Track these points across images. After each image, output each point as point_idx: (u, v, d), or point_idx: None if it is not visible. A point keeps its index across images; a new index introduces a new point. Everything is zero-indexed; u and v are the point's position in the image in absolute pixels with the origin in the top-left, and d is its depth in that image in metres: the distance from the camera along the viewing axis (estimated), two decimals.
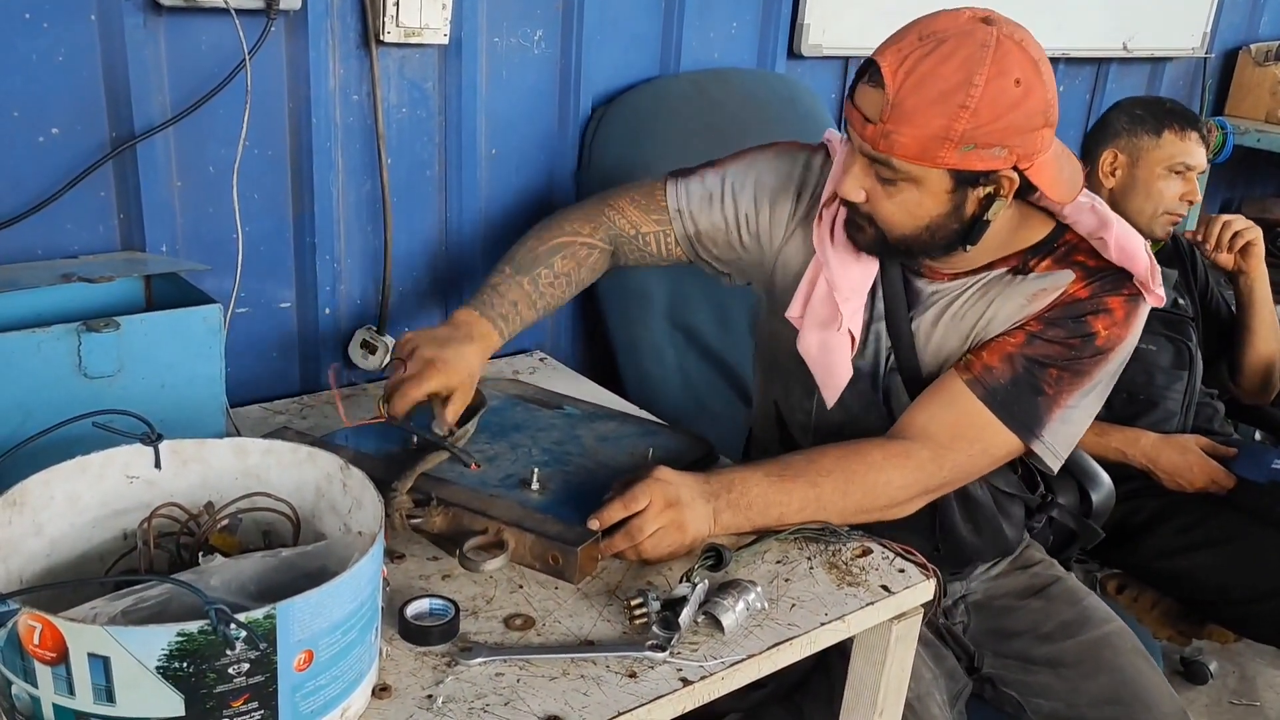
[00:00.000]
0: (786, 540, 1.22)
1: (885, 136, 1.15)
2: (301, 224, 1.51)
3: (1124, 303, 1.25)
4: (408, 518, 1.13)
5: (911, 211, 1.21)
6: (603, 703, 0.94)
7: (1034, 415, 1.26)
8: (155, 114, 1.34)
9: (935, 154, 1.15)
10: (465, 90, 1.58)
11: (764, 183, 1.39)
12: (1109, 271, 1.26)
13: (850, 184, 1.22)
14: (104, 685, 0.76)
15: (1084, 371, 1.26)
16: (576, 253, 1.39)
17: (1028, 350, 1.26)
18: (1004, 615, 1.50)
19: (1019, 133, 1.14)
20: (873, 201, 1.22)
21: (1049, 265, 1.28)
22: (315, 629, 0.82)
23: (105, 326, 1.14)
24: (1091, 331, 1.25)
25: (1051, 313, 1.26)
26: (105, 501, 0.99)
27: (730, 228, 1.40)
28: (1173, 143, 1.99)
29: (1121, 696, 1.39)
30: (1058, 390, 1.26)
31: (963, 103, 1.11)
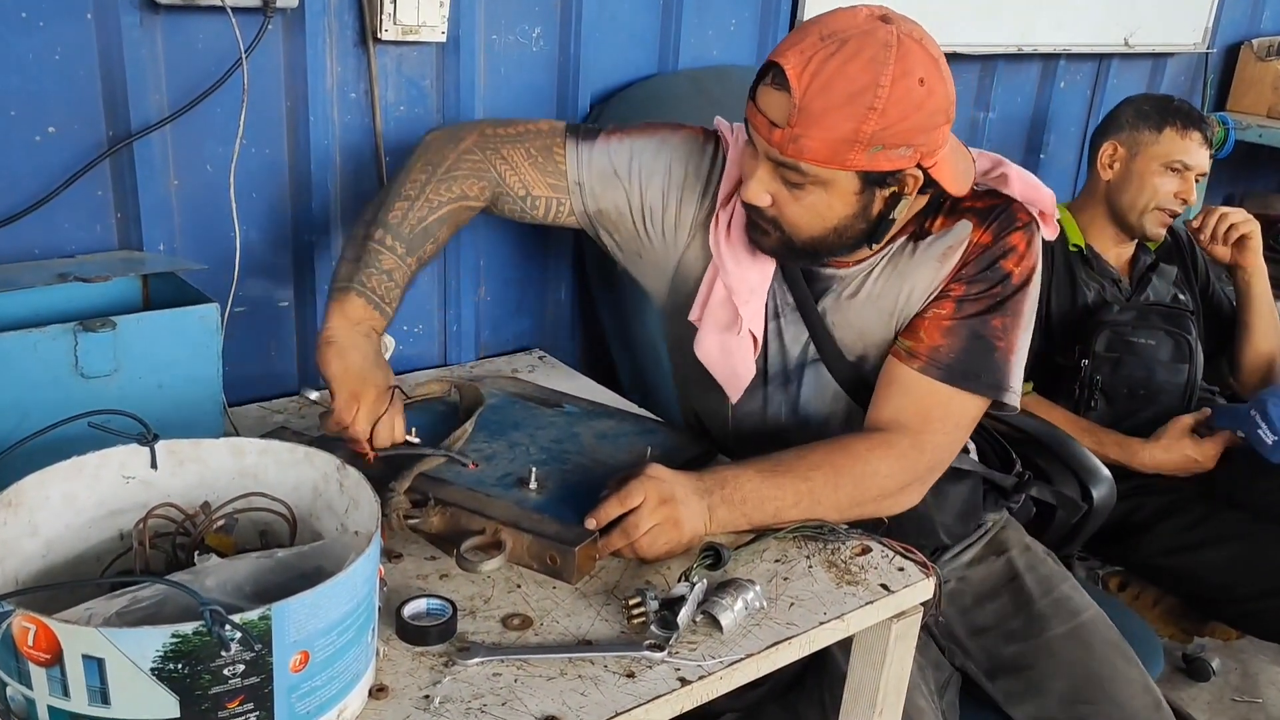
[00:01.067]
0: (785, 539, 1.22)
1: (794, 141, 1.14)
2: (299, 223, 1.51)
3: (1023, 235, 1.27)
4: (405, 518, 1.12)
5: (820, 214, 1.21)
6: (600, 703, 0.94)
7: (997, 371, 1.28)
8: (152, 113, 1.34)
9: (844, 157, 1.14)
10: (463, 88, 1.58)
11: (674, 177, 1.35)
12: (998, 207, 1.28)
13: (755, 189, 1.20)
14: (99, 687, 0.76)
15: (1017, 311, 1.28)
16: (460, 218, 1.34)
17: (962, 315, 1.27)
18: (974, 610, 1.48)
19: (923, 131, 1.15)
20: (778, 205, 1.21)
21: (943, 222, 1.29)
22: (311, 630, 0.81)
23: (102, 326, 1.14)
24: (1007, 273, 1.27)
25: (965, 270, 1.27)
26: (101, 502, 0.99)
27: (634, 213, 1.36)
28: (1172, 140, 2.00)
29: (1091, 695, 1.38)
30: (1005, 338, 1.28)
31: (870, 104, 1.11)
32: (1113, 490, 1.68)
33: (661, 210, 1.36)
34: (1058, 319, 2.06)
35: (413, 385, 1.50)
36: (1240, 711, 2.29)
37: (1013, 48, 2.30)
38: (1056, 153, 2.55)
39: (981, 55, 2.28)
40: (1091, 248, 2.11)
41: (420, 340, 1.68)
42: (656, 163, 1.36)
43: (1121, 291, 2.10)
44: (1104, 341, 1.99)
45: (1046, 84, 2.46)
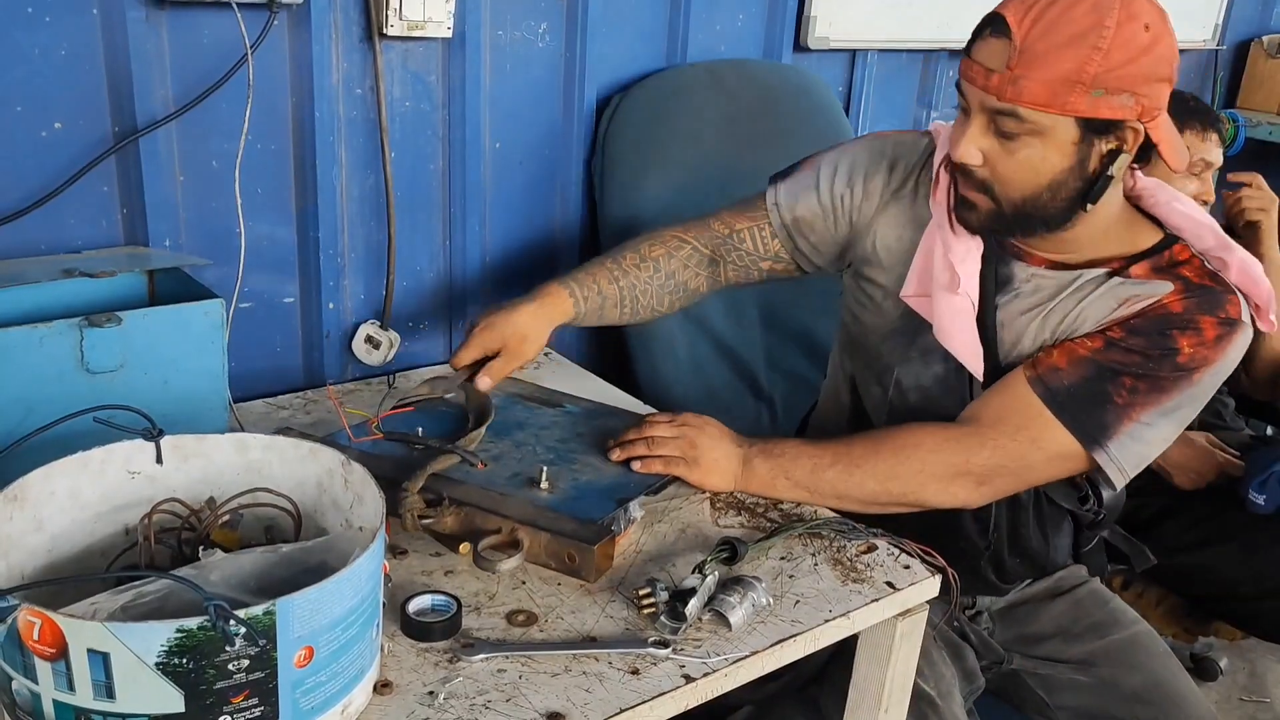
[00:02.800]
0: (792, 537, 1.21)
1: (1013, 83, 1.11)
2: (304, 218, 1.51)
3: (1217, 324, 1.19)
4: (420, 518, 1.12)
5: (1035, 167, 1.16)
6: (605, 699, 0.94)
7: (1100, 423, 1.20)
8: (158, 108, 1.34)
9: (1065, 99, 1.11)
10: (469, 83, 1.58)
11: (857, 161, 1.38)
12: (1211, 290, 1.20)
13: (967, 145, 1.18)
14: (104, 681, 0.76)
15: (1163, 388, 1.19)
16: (667, 242, 1.44)
17: (1101, 356, 1.21)
18: (1029, 620, 1.48)
19: (1147, 81, 1.12)
20: (991, 163, 1.18)
21: (1148, 273, 1.23)
22: (315, 625, 0.81)
23: (107, 321, 1.14)
24: (1175, 347, 1.19)
25: (1136, 320, 1.21)
26: (106, 497, 0.99)
27: (827, 211, 1.39)
28: (1193, 143, 1.98)
29: (1153, 697, 1.38)
30: (1130, 402, 1.19)
31: (1095, 44, 1.09)
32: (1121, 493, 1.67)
33: (849, 191, 1.38)
34: None
35: (415, 383, 1.50)
36: (1248, 711, 2.29)
37: None
38: None
39: None
40: None
41: (425, 336, 1.68)
42: (840, 159, 1.40)
43: None
44: None
45: None
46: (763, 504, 1.29)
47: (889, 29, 2.07)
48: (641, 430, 1.29)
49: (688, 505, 1.28)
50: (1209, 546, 1.86)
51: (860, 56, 2.09)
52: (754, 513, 1.27)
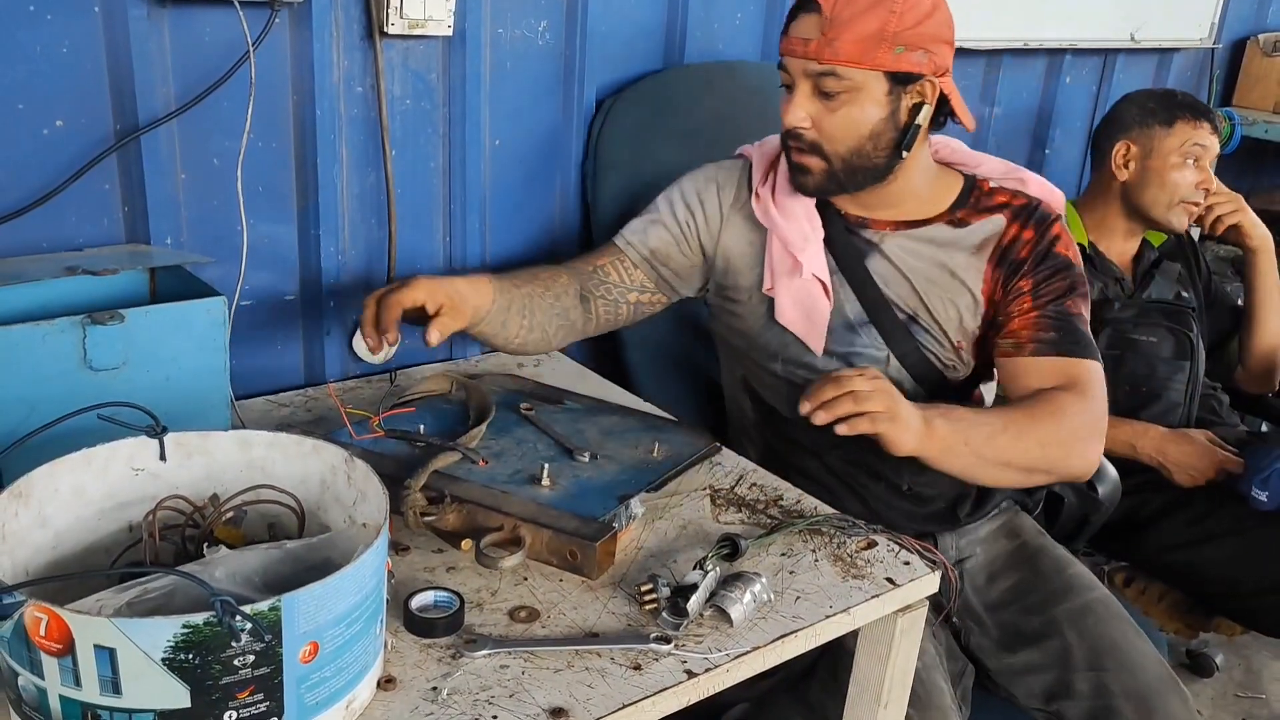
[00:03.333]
0: (792, 533, 1.22)
1: (829, 45, 1.30)
2: (306, 216, 1.51)
3: (1059, 224, 1.45)
4: (422, 515, 1.12)
5: (856, 120, 1.34)
6: (608, 695, 0.94)
7: (1088, 342, 1.40)
8: (159, 106, 1.34)
9: (874, 55, 1.30)
10: (469, 82, 1.58)
11: (692, 189, 1.51)
12: (1028, 206, 1.44)
13: (795, 111, 1.35)
14: (110, 677, 0.76)
15: (1082, 287, 1.43)
16: (549, 269, 1.48)
17: (1042, 304, 1.40)
18: (992, 585, 1.53)
19: (935, 40, 1.33)
20: (818, 124, 1.35)
21: (974, 213, 1.44)
22: (320, 621, 0.82)
23: (110, 319, 1.14)
24: (1065, 258, 1.42)
25: (1034, 270, 1.41)
26: (110, 494, 0.99)
27: (679, 238, 1.50)
28: (1184, 131, 1.98)
29: (1105, 662, 1.42)
30: (1080, 311, 1.41)
31: (890, 7, 1.29)
32: (1117, 487, 1.69)
33: (692, 216, 1.50)
34: None
35: (416, 379, 1.51)
36: (1244, 707, 2.30)
37: (1019, 43, 2.30)
38: (1062, 148, 2.54)
39: (987, 50, 2.28)
40: (1095, 246, 2.11)
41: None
42: (674, 191, 1.52)
43: (1124, 289, 2.10)
44: (1105, 339, 1.99)
45: (1052, 79, 2.46)
46: (763, 500, 1.30)
47: None
48: (840, 384, 1.22)
49: (688, 502, 1.28)
50: (1209, 543, 1.86)
51: None
52: (754, 509, 1.28)
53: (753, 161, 1.51)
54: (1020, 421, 1.31)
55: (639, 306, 1.53)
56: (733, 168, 1.53)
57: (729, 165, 1.53)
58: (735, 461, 1.39)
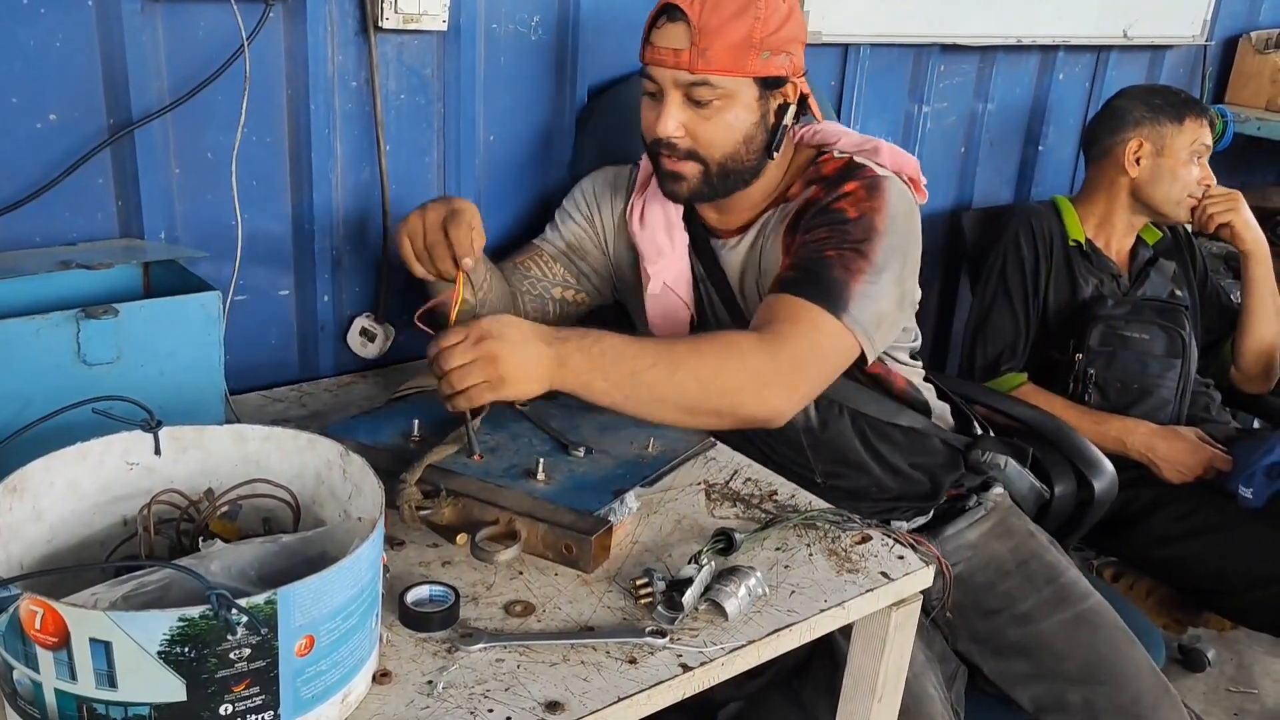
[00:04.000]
0: (787, 528, 1.22)
1: (701, 55, 1.31)
2: (300, 211, 1.51)
3: (862, 184, 1.36)
4: (417, 509, 1.12)
5: (731, 126, 1.36)
6: (603, 688, 0.94)
7: (834, 292, 1.29)
8: (153, 100, 1.34)
9: (744, 62, 1.32)
10: (464, 77, 1.58)
11: (592, 189, 1.57)
12: (842, 169, 1.40)
13: (667, 122, 1.35)
14: (105, 670, 0.76)
15: (861, 249, 1.32)
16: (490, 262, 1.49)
17: (799, 251, 1.35)
18: (984, 591, 1.51)
19: (792, 42, 1.36)
20: (691, 132, 1.36)
21: (800, 189, 1.44)
22: (316, 614, 0.82)
23: (104, 313, 1.14)
24: (843, 213, 1.35)
25: (802, 220, 1.38)
26: (105, 487, 0.99)
27: (588, 233, 1.56)
28: (1193, 129, 2.03)
29: (1099, 677, 1.41)
30: (846, 268, 1.30)
31: (755, 15, 1.31)
32: (1114, 482, 1.69)
33: (596, 215, 1.57)
34: (1054, 312, 2.07)
35: (410, 376, 1.51)
36: (1235, 702, 2.31)
37: (1012, 39, 2.30)
38: (1055, 144, 2.55)
39: (981, 46, 2.28)
40: (1092, 242, 2.12)
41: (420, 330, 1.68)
42: (578, 192, 1.59)
43: (1120, 286, 2.11)
44: (1098, 335, 2.00)
45: (1045, 75, 2.46)
46: (758, 494, 1.30)
47: (881, 23, 2.08)
48: (439, 363, 1.13)
49: (683, 496, 1.29)
50: (1198, 538, 1.87)
51: (853, 51, 2.09)
52: (749, 504, 1.28)
53: (641, 171, 1.55)
54: (677, 356, 1.21)
55: (564, 304, 1.57)
56: (626, 174, 1.58)
57: (624, 171, 1.58)
58: (729, 457, 1.40)
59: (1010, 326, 2.06)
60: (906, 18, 2.11)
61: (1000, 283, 2.08)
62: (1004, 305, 2.07)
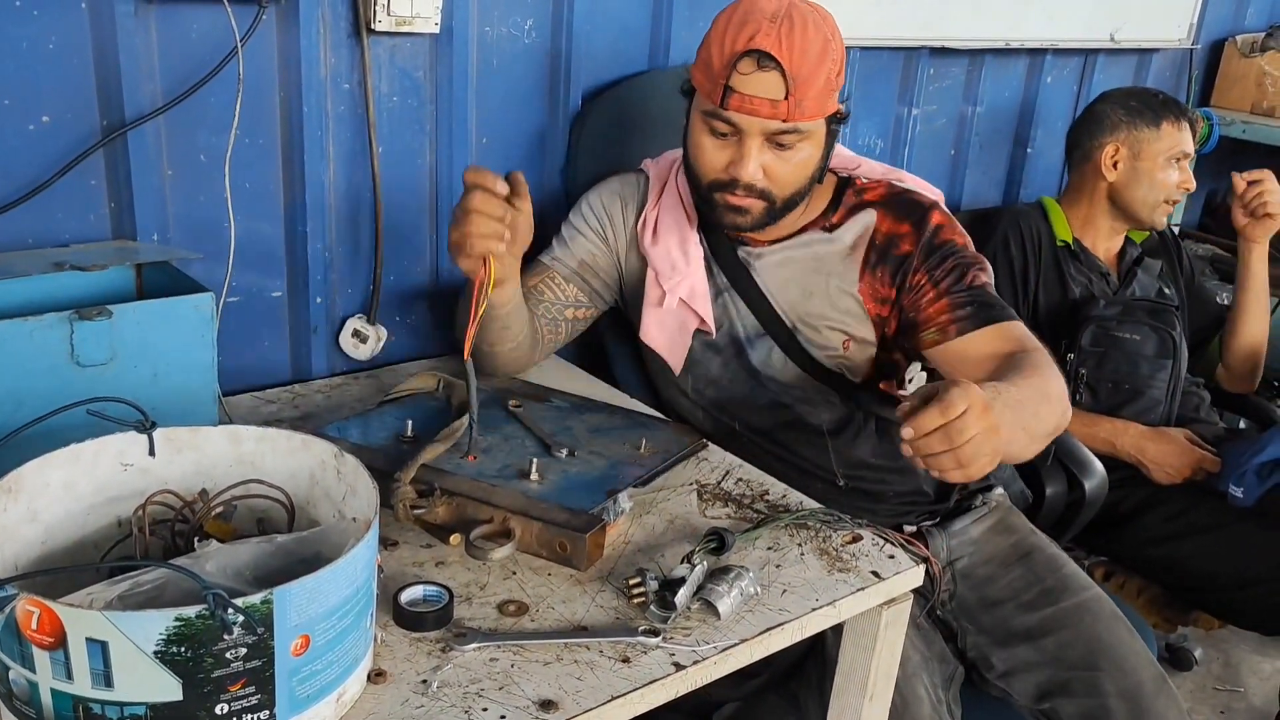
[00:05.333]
0: (778, 527, 1.23)
1: (798, 105, 1.32)
2: (293, 213, 1.51)
3: (936, 211, 1.47)
4: (412, 508, 1.13)
5: (806, 164, 1.39)
6: (596, 687, 0.95)
7: (999, 304, 1.41)
8: (146, 102, 1.34)
9: (825, 105, 1.36)
10: (456, 79, 1.58)
11: (600, 201, 1.56)
12: (898, 198, 1.48)
13: (750, 166, 1.36)
14: (102, 670, 0.77)
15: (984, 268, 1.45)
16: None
17: (944, 287, 1.42)
18: (988, 583, 1.54)
19: (842, 74, 1.38)
20: (769, 173, 1.38)
21: (845, 215, 1.48)
22: (312, 614, 0.82)
23: (97, 315, 1.14)
24: (950, 241, 1.45)
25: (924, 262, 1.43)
26: (100, 489, 0.99)
27: (600, 247, 1.56)
28: (1171, 133, 2.04)
29: (1097, 661, 1.44)
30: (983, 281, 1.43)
31: (831, 56, 1.33)
32: (1104, 483, 1.71)
33: (608, 228, 1.56)
34: (1045, 313, 2.08)
35: (403, 377, 1.51)
36: (1222, 700, 2.33)
37: (1000, 42, 2.32)
38: (1043, 147, 2.56)
39: (970, 50, 2.29)
40: (1080, 242, 2.13)
41: (412, 330, 1.69)
42: (586, 205, 1.57)
43: (1109, 286, 2.12)
44: (1089, 336, 2.01)
45: (1033, 78, 2.48)
46: (750, 495, 1.31)
47: (871, 27, 2.09)
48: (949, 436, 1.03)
49: (675, 497, 1.29)
50: (1189, 538, 1.89)
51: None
52: (740, 504, 1.29)
53: (651, 180, 1.55)
54: (1043, 388, 1.25)
55: (574, 323, 1.58)
56: (636, 184, 1.57)
57: (632, 181, 1.58)
58: (721, 457, 1.40)
59: None
60: (897, 21, 2.13)
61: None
62: None
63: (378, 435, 1.29)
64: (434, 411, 1.38)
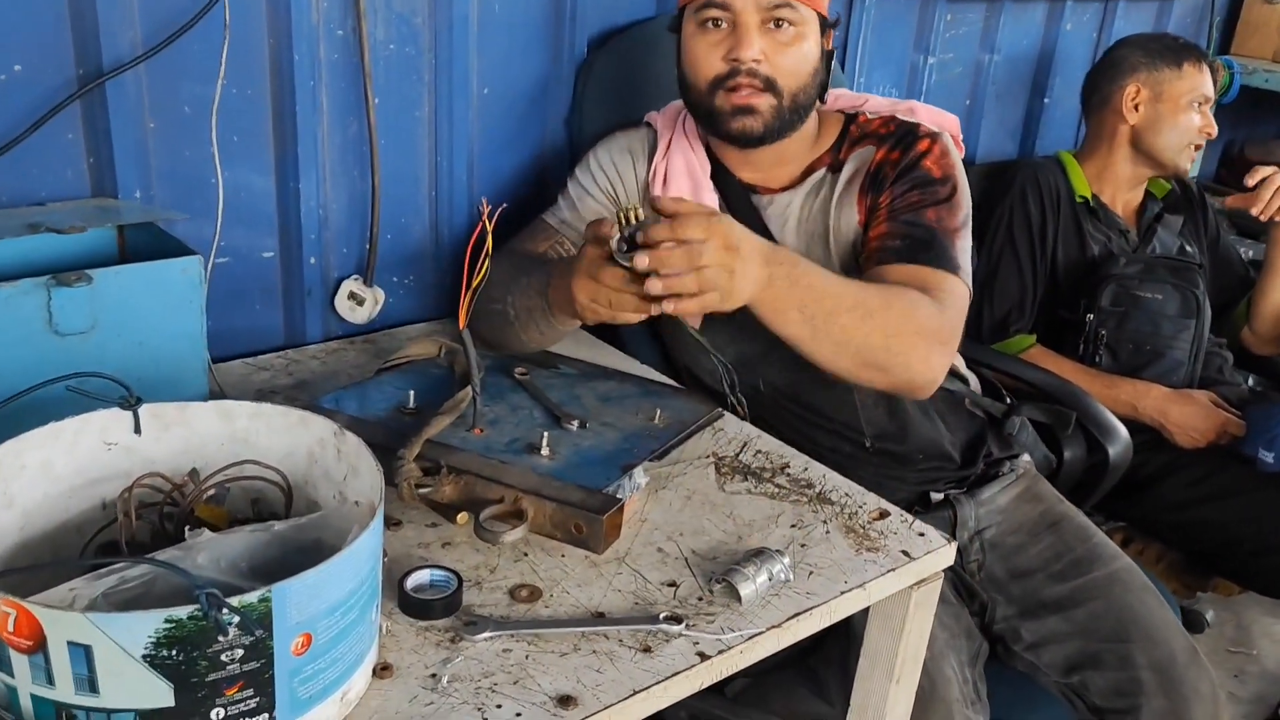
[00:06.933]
0: (801, 502, 1.17)
1: None
2: (284, 168, 1.43)
3: (928, 140, 1.40)
4: (417, 487, 1.06)
5: (805, 56, 1.35)
6: (617, 680, 0.89)
7: (946, 253, 1.34)
8: (125, 50, 1.25)
9: None
10: (456, 26, 1.49)
11: (609, 157, 1.50)
12: (897, 129, 1.42)
13: (752, 45, 1.32)
14: (86, 675, 0.71)
15: (952, 208, 1.38)
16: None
17: (898, 216, 1.36)
18: (1017, 553, 1.50)
19: None
20: (770, 59, 1.34)
21: (850, 151, 1.44)
22: (313, 610, 0.76)
23: (77, 280, 1.06)
24: (928, 173, 1.38)
25: (881, 181, 1.39)
26: (81, 470, 0.92)
27: (607, 209, 1.47)
28: (1192, 74, 1.98)
29: (1129, 633, 1.40)
30: (945, 229, 1.35)
31: None
32: (1129, 448, 1.66)
33: (619, 184, 1.49)
34: (1064, 271, 2.02)
35: (401, 342, 1.44)
36: (1236, 663, 2.30)
37: None
38: (1060, 96, 2.48)
39: None
40: (1099, 198, 2.06)
41: (411, 292, 1.61)
42: (595, 163, 1.50)
43: (1129, 243, 2.05)
44: (1109, 295, 1.95)
45: (1053, 25, 2.39)
46: (770, 468, 1.25)
47: None
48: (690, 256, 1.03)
49: (693, 470, 1.23)
50: (1210, 503, 1.84)
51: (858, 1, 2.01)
52: (760, 478, 1.23)
53: (658, 131, 1.49)
54: (871, 305, 1.21)
55: None
56: (643, 137, 1.51)
57: (639, 134, 1.52)
58: (739, 427, 1.34)
59: (1017, 285, 2.00)
60: None
61: (1007, 240, 2.02)
62: (1011, 263, 2.01)
63: (378, 407, 1.22)
64: (436, 380, 1.31)
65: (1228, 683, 2.23)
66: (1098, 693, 1.40)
